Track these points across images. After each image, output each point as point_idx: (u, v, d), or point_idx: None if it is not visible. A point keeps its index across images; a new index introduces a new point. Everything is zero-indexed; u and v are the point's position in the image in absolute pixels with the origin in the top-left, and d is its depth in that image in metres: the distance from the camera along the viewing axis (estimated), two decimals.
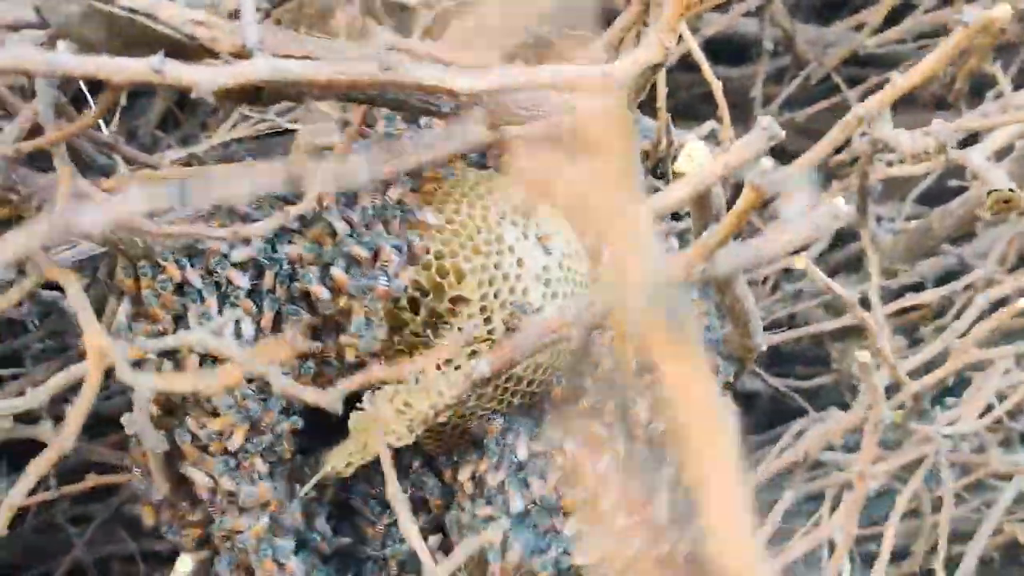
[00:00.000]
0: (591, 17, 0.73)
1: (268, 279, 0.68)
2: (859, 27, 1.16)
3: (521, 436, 0.74)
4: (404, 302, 0.70)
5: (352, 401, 0.71)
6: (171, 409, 0.70)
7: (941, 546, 0.84)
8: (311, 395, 0.59)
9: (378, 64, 0.52)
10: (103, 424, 0.93)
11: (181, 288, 0.68)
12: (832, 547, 0.79)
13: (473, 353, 0.71)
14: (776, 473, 0.84)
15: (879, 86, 1.14)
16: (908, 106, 1.39)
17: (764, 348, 0.77)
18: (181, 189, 0.52)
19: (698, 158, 0.60)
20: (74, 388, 0.92)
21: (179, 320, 0.69)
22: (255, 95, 0.54)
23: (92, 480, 0.86)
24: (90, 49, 0.52)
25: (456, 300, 0.71)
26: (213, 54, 0.53)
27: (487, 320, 0.71)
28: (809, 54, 1.14)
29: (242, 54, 0.52)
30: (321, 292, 0.69)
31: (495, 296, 0.71)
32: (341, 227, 0.68)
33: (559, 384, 0.75)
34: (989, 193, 0.71)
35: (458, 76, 0.54)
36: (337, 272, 0.68)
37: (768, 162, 0.56)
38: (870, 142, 0.84)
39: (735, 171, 0.62)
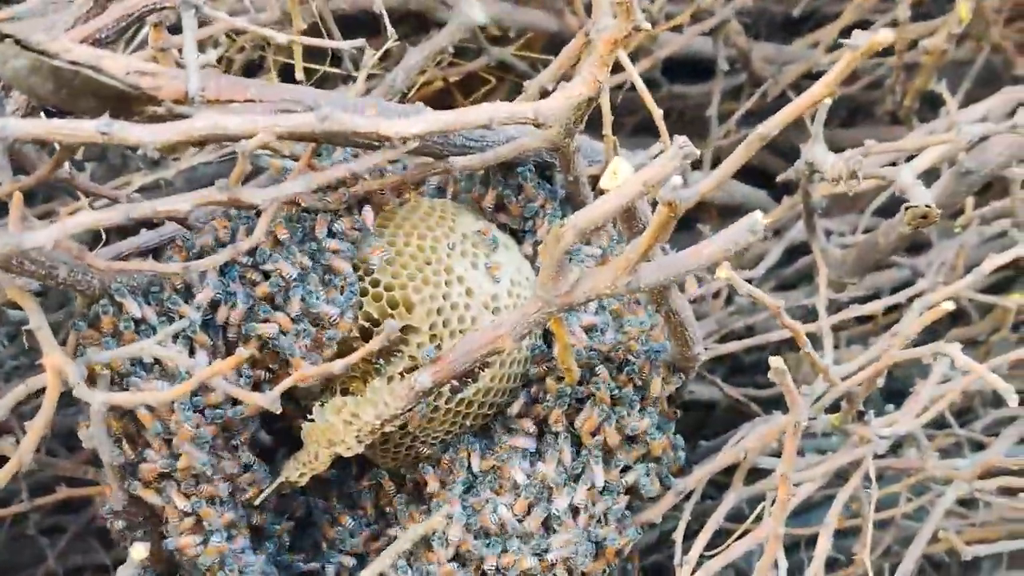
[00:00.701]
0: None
1: (222, 313, 0.72)
2: (815, 44, 1.19)
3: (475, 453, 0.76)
4: (355, 332, 0.73)
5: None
6: (130, 435, 0.73)
7: (864, 554, 0.86)
8: (253, 397, 0.62)
9: (315, 116, 0.55)
10: (75, 438, 0.95)
11: (138, 324, 0.71)
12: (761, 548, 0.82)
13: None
14: (718, 473, 0.86)
15: (837, 102, 1.19)
16: (867, 119, 1.43)
17: (703, 358, 0.79)
18: (126, 208, 0.55)
19: (622, 175, 0.63)
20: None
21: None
22: (199, 143, 0.57)
23: (63, 492, 0.89)
24: (38, 99, 0.55)
25: (406, 329, 0.74)
26: (156, 101, 0.56)
27: (437, 347, 0.74)
28: (766, 71, 1.17)
29: (184, 100, 0.55)
30: (270, 331, 0.71)
31: (444, 325, 0.74)
32: (289, 269, 0.71)
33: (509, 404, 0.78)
34: (906, 209, 0.74)
35: (391, 122, 0.57)
36: (281, 317, 0.72)
37: (679, 179, 0.59)
38: (805, 163, 0.87)
39: (654, 187, 0.65)
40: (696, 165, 1.02)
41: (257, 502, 0.76)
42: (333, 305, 0.72)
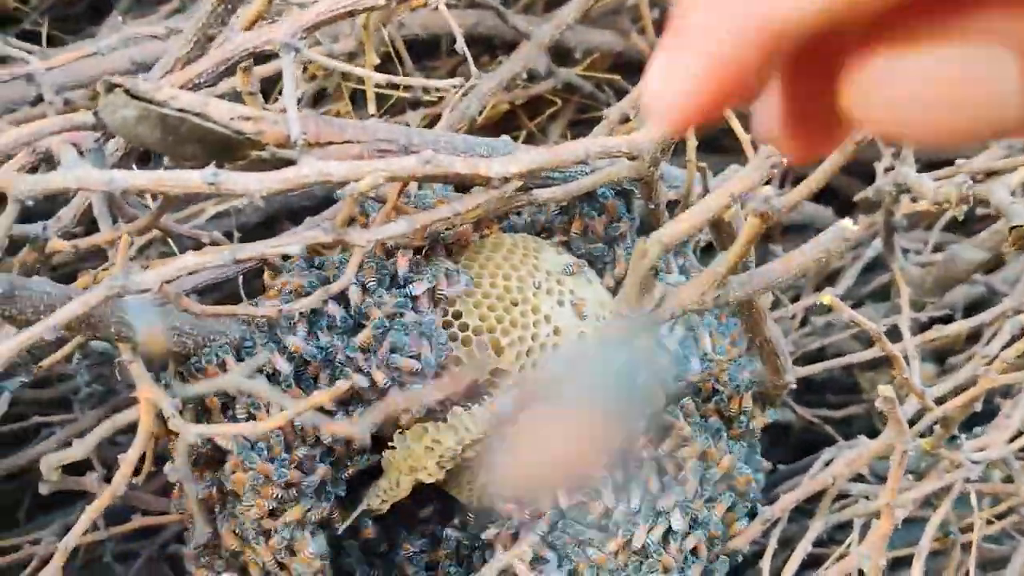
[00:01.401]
0: None
1: (312, 369, 0.71)
2: None
3: None
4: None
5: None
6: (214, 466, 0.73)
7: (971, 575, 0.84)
8: (340, 427, 0.61)
9: (418, 159, 0.55)
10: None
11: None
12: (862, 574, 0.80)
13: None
14: (804, 502, 0.85)
15: None
16: None
17: (794, 385, 0.78)
18: (233, 250, 0.55)
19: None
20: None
21: (227, 408, 0.72)
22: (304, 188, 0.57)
23: (138, 521, 0.89)
24: (144, 147, 0.55)
25: (495, 372, 0.73)
26: (260, 146, 0.56)
27: None
28: None
29: (286, 145, 0.55)
30: (361, 382, 0.71)
31: (533, 366, 0.73)
32: (378, 314, 0.71)
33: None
34: (1012, 229, 0.72)
35: (491, 163, 0.57)
36: (377, 373, 0.71)
37: (771, 189, 0.58)
38: (894, 184, 0.85)
39: (740, 199, 0.64)
40: (768, 180, 1.00)
41: (340, 530, 0.75)
42: (420, 361, 0.71)
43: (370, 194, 0.70)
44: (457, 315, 0.73)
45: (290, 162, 0.56)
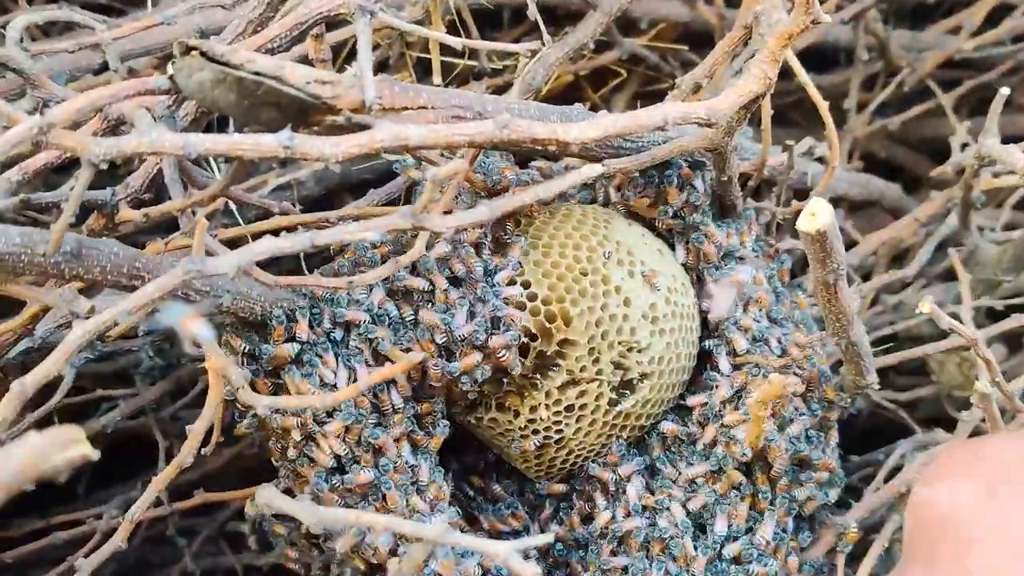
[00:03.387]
0: None
1: (382, 333, 0.70)
2: (954, 30, 1.13)
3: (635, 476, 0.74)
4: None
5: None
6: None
7: None
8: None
9: (495, 124, 0.53)
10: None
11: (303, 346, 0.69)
12: None
13: (581, 393, 0.72)
14: (878, 506, 0.82)
15: (974, 90, 1.13)
16: (1002, 108, 1.36)
17: (877, 385, 0.76)
18: (311, 236, 0.54)
19: (822, 217, 0.60)
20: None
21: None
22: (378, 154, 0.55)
23: (200, 497, 0.89)
24: (219, 111, 0.54)
25: (564, 343, 0.72)
26: (335, 111, 0.54)
27: (595, 361, 0.71)
28: (902, 60, 1.12)
29: (360, 110, 0.54)
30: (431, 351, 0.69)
31: (603, 337, 0.71)
32: (442, 284, 0.69)
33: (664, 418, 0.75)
34: None
35: (570, 128, 0.55)
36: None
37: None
38: (976, 156, 0.82)
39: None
40: (820, 160, 0.97)
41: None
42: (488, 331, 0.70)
43: (435, 154, 0.68)
44: (526, 284, 0.71)
45: (365, 127, 0.54)
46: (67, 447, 0.41)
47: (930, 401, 1.05)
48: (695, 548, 0.71)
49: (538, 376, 0.72)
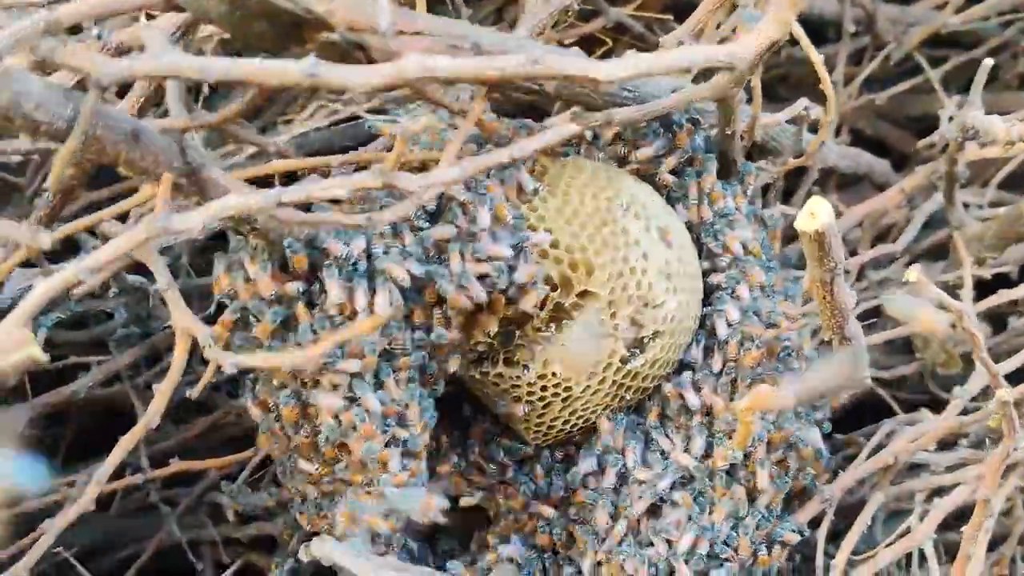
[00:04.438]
0: None
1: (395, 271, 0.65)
2: (941, 6, 1.13)
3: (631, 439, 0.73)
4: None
5: None
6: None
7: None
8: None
9: (527, 57, 0.52)
10: (187, 411, 0.94)
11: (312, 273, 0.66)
12: (922, 555, 0.77)
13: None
14: (863, 478, 0.82)
15: (962, 68, 1.13)
16: (990, 85, 1.36)
17: (869, 381, 0.76)
18: (277, 193, 0.53)
19: (821, 217, 0.59)
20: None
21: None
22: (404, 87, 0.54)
23: (176, 465, 0.88)
24: (210, 22, 0.53)
25: (583, 295, 0.69)
26: (329, 27, 0.53)
27: (612, 315, 0.69)
28: (889, 34, 1.11)
29: (358, 27, 0.52)
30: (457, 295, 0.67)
31: (623, 290, 0.69)
32: (463, 223, 0.66)
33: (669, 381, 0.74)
34: None
35: (600, 65, 0.54)
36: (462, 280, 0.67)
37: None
38: (960, 128, 0.81)
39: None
40: (815, 129, 0.97)
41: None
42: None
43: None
44: (548, 231, 0.69)
45: (361, 47, 0.53)
46: (16, 350, 0.41)
47: (914, 379, 1.05)
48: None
49: (552, 328, 0.69)
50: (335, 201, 0.66)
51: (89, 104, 0.49)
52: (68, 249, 0.78)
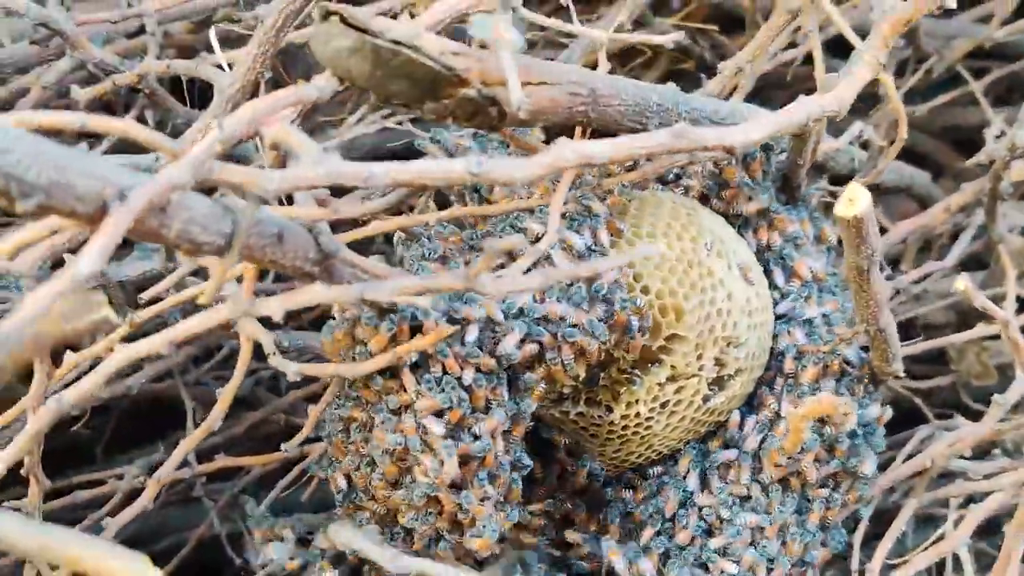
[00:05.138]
0: None
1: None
2: (984, 19, 1.13)
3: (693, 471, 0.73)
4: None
5: None
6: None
7: None
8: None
9: (671, 133, 0.54)
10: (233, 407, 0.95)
11: None
12: (956, 561, 0.78)
13: (679, 389, 0.70)
14: (899, 481, 0.83)
15: (1002, 79, 1.13)
16: None
17: (902, 373, 0.76)
18: (360, 290, 0.53)
19: (860, 203, 0.60)
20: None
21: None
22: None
23: (222, 460, 0.89)
24: (352, 81, 0.54)
25: (672, 338, 0.69)
26: (466, 83, 0.54)
27: (699, 357, 0.70)
28: (930, 46, 1.11)
29: (491, 82, 0.54)
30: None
31: (709, 332, 0.69)
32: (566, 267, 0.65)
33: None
34: None
35: (734, 132, 0.57)
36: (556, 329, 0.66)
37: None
38: (1008, 147, 0.82)
39: None
40: (864, 145, 0.97)
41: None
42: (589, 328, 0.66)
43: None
44: (637, 277, 0.69)
45: (494, 101, 0.54)
46: (91, 311, 0.42)
47: (948, 389, 1.06)
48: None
49: (638, 371, 0.70)
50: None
51: (247, 220, 0.49)
52: None
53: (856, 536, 0.78)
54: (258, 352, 0.99)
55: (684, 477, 0.73)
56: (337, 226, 0.62)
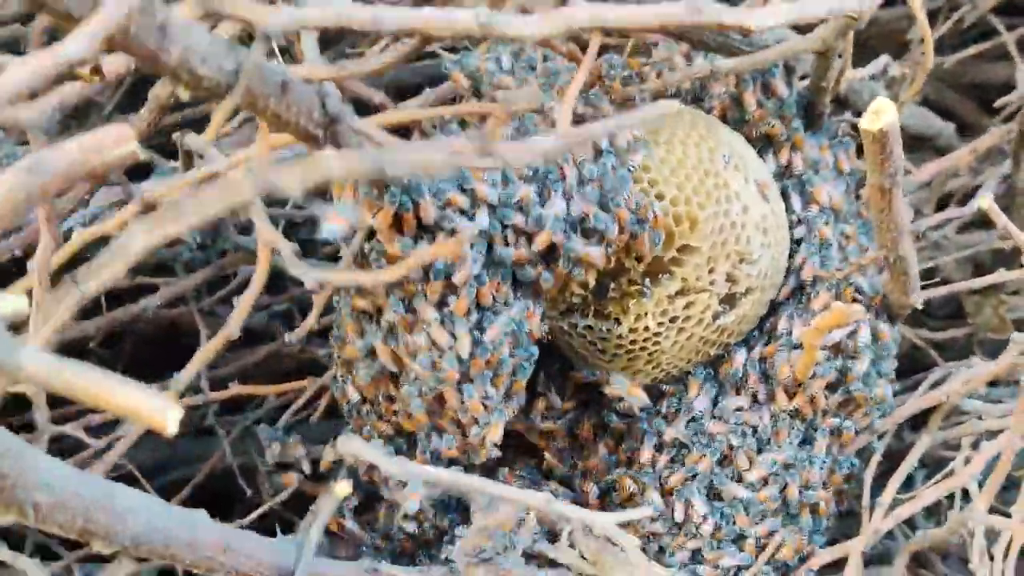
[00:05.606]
0: None
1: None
2: None
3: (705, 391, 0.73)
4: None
5: None
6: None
7: None
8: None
9: (688, 6, 0.53)
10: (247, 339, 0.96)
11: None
12: (966, 495, 0.78)
13: (689, 304, 0.70)
14: (911, 417, 0.83)
15: None
16: None
17: (920, 305, 0.76)
18: (381, 161, 0.52)
19: (886, 116, 0.59)
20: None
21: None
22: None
23: (235, 389, 0.89)
24: None
25: (684, 249, 0.68)
26: None
27: (711, 271, 0.69)
28: None
29: None
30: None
31: (722, 246, 0.68)
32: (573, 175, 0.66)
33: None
34: None
35: (753, 14, 0.56)
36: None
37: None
38: None
39: None
40: (889, 85, 0.96)
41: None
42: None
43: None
44: (653, 182, 0.68)
45: None
46: (119, 144, 0.42)
47: (963, 342, 1.05)
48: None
49: (647, 283, 0.69)
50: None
51: (253, 58, 0.48)
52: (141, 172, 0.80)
53: (868, 471, 0.78)
54: (272, 284, 1.00)
55: (694, 401, 0.73)
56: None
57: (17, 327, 0.41)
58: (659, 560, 0.71)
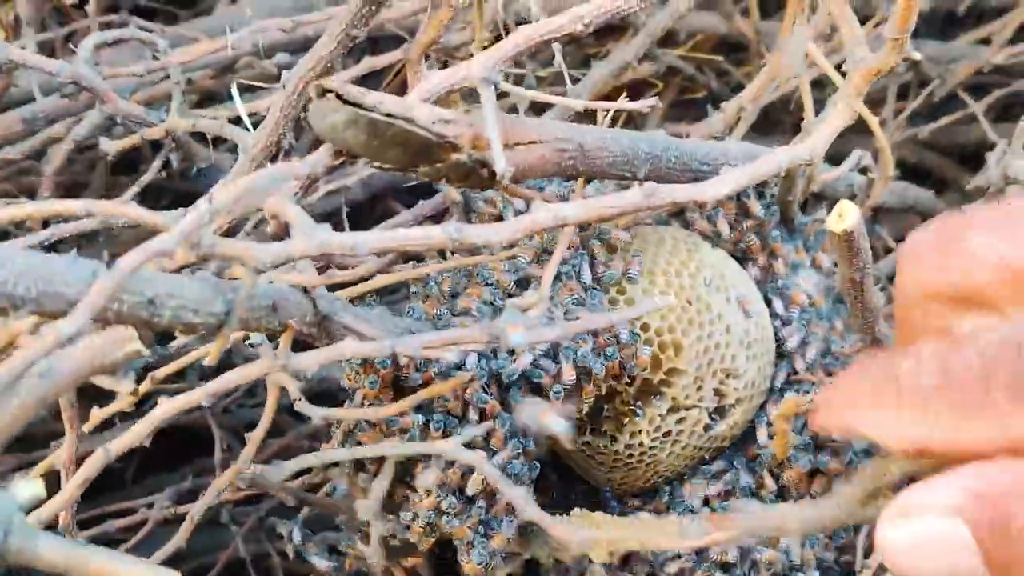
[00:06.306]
0: None
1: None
2: (984, 40, 1.15)
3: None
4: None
5: None
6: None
7: None
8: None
9: (642, 192, 0.56)
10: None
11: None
12: None
13: (681, 420, 0.73)
14: None
15: (1005, 98, 1.15)
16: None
17: None
18: (391, 343, 0.55)
19: (849, 218, 0.63)
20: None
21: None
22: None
23: (248, 488, 0.92)
24: (349, 151, 0.57)
25: (671, 372, 0.72)
26: (457, 148, 0.57)
27: (698, 388, 0.72)
28: (932, 71, 1.14)
29: (480, 147, 0.57)
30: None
31: (708, 365, 0.72)
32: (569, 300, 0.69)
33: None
34: None
35: (704, 188, 0.58)
36: (566, 366, 0.69)
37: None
38: (1002, 176, 0.85)
39: None
40: (863, 170, 1.00)
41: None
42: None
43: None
44: (638, 316, 0.71)
45: (484, 163, 0.57)
46: (123, 345, 0.45)
47: None
48: None
49: (639, 403, 0.72)
50: None
51: (243, 295, 0.52)
52: None
53: (859, 536, 0.80)
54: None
55: (688, 500, 0.76)
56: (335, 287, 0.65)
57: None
58: None
